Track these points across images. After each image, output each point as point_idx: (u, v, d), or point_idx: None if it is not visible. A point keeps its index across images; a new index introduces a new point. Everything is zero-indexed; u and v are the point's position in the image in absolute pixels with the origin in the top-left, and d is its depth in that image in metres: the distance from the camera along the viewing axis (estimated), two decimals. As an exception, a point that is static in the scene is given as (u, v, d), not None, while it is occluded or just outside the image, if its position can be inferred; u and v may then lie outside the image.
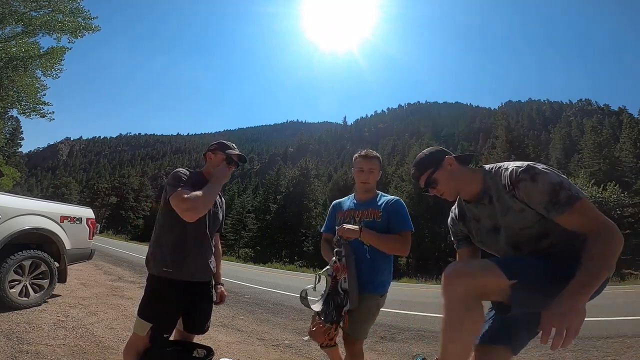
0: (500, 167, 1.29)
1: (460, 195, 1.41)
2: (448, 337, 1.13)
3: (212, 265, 1.93)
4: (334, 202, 2.26)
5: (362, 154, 2.06)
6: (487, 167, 1.37)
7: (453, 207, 1.56)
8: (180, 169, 1.80)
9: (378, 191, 2.09)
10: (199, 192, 1.61)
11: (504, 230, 1.28)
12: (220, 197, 2.04)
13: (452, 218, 1.56)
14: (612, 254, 1.05)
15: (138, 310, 1.70)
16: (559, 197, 1.11)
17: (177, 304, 1.74)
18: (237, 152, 1.93)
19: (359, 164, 2.03)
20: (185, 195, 1.59)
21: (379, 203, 1.99)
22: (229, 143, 1.97)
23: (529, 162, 1.21)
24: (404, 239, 1.88)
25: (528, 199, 1.17)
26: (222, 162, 1.89)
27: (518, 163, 1.23)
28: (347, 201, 2.16)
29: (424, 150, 1.48)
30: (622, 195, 23.75)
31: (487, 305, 1.28)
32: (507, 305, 1.12)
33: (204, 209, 1.66)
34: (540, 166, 1.18)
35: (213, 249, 1.95)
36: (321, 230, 2.24)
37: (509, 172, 1.22)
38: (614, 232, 1.08)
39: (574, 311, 0.97)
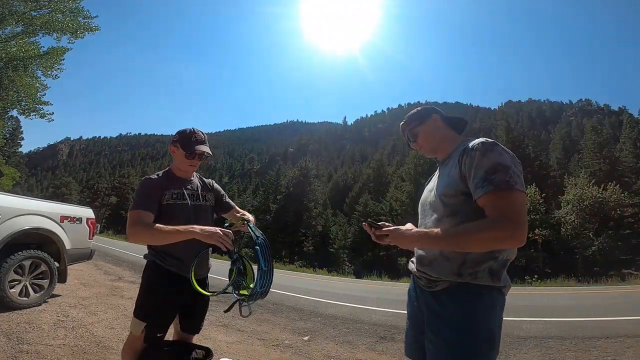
0: (474, 138, 1.24)
1: (437, 154, 1.39)
2: None
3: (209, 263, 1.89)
4: None
5: None
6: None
7: None
8: (147, 178, 1.75)
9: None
10: (154, 226, 1.57)
11: (434, 191, 1.28)
12: (202, 181, 1.94)
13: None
14: (482, 239, 1.01)
15: (134, 310, 1.70)
16: (494, 175, 1.03)
17: (172, 301, 1.70)
18: (199, 147, 1.74)
19: None
20: (137, 221, 1.59)
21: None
22: (189, 132, 1.78)
23: (495, 141, 1.12)
24: None
25: (468, 169, 1.10)
26: (184, 159, 1.76)
27: (485, 139, 1.16)
28: None
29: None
30: (622, 195, 23.58)
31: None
32: None
33: (146, 242, 1.70)
34: (501, 147, 1.11)
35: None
36: None
37: (471, 142, 1.16)
38: (511, 231, 0.99)
39: (405, 244, 1.22)
